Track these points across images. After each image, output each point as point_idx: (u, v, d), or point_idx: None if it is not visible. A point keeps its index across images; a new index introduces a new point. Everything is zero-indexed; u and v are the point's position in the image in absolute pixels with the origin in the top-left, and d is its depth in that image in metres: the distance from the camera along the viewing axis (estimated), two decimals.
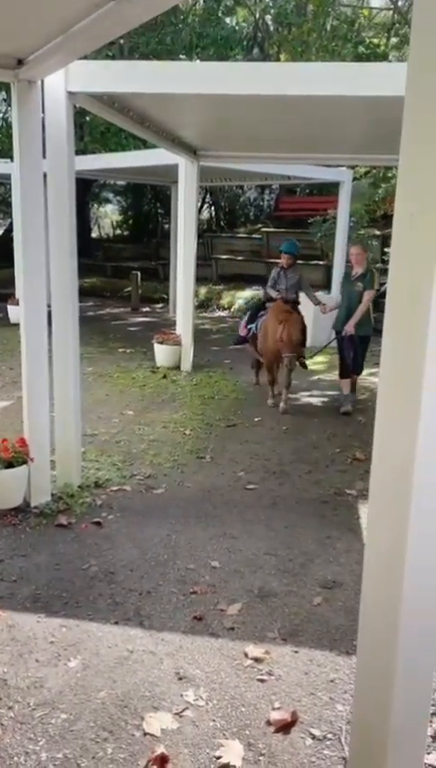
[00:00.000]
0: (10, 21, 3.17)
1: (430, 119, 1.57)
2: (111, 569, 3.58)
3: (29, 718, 2.45)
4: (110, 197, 25.29)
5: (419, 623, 1.80)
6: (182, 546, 3.86)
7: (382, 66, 6.35)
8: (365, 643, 1.95)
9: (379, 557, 1.84)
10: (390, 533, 1.77)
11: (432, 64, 1.56)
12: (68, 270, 4.33)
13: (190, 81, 4.41)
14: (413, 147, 1.63)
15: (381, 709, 1.87)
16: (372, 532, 1.90)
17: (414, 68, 1.62)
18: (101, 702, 2.56)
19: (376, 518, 1.86)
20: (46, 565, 3.60)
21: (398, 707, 1.84)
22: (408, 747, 1.92)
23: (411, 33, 1.63)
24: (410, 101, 1.63)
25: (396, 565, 1.75)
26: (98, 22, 2.88)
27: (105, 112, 5.05)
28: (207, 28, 13.59)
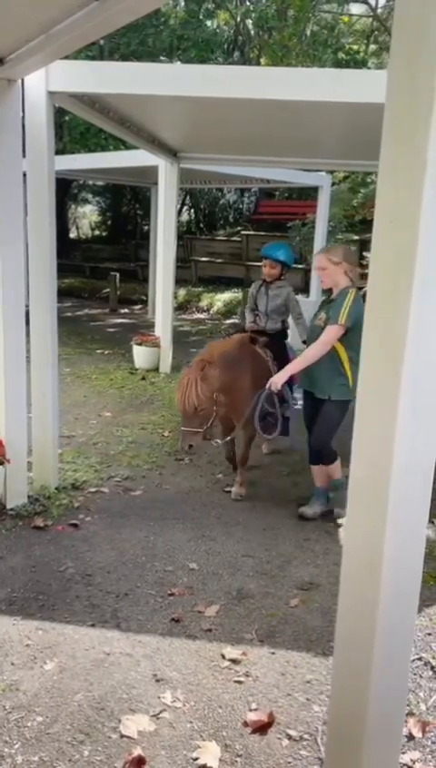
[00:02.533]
0: None
1: (409, 126, 1.59)
2: (88, 571, 3.56)
3: (4, 721, 2.43)
4: (89, 197, 25.19)
5: (395, 624, 1.82)
6: (160, 548, 3.86)
7: (361, 73, 6.40)
8: (342, 643, 1.97)
9: (356, 558, 1.86)
10: (367, 534, 1.79)
11: (412, 72, 1.58)
12: (47, 270, 4.30)
13: (170, 83, 4.41)
14: (393, 153, 1.65)
15: (357, 709, 1.89)
16: (350, 532, 1.92)
17: (394, 75, 1.64)
18: (77, 704, 2.54)
19: (354, 519, 1.88)
20: (22, 567, 3.57)
21: (373, 707, 1.85)
22: (383, 747, 1.94)
23: (391, 40, 1.65)
24: (390, 107, 1.65)
25: (373, 565, 1.77)
26: (80, 22, 2.88)
27: (86, 112, 5.03)
28: (188, 30, 13.62)
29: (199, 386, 4.02)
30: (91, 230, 26.63)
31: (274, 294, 5.02)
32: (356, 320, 3.81)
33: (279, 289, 5.01)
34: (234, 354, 4.38)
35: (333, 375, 4.04)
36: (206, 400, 4.08)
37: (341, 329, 3.92)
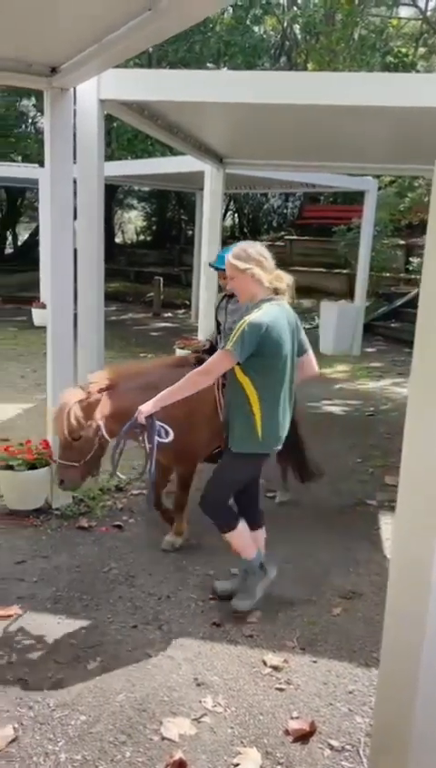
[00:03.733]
0: (45, 30, 3.23)
1: None
2: (131, 572, 3.60)
3: (48, 719, 2.47)
4: (134, 203, 25.49)
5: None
6: (201, 552, 3.87)
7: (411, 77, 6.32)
8: (388, 655, 1.94)
9: (405, 570, 1.84)
10: (416, 545, 1.76)
11: None
12: (95, 274, 4.38)
13: (220, 90, 4.44)
14: None
15: (403, 721, 1.86)
16: (398, 543, 1.89)
17: None
18: (119, 705, 2.57)
19: (402, 530, 1.85)
20: (67, 566, 3.62)
21: (420, 720, 1.83)
22: (429, 760, 1.91)
23: None
24: None
25: (423, 577, 1.74)
26: (132, 32, 2.93)
27: (135, 119, 5.10)
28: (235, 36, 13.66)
29: (76, 412, 3.19)
30: (136, 234, 26.96)
31: (232, 309, 3.90)
32: (262, 347, 2.87)
33: (237, 303, 3.63)
34: (151, 378, 3.41)
35: (237, 418, 3.05)
36: (85, 429, 3.21)
37: (228, 358, 2.89)
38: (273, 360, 2.96)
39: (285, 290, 3.10)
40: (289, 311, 3.09)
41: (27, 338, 11.10)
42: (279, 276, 3.08)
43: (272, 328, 2.90)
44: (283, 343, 2.96)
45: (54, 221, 4.09)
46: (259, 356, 2.91)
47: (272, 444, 3.10)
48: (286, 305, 3.09)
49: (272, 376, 3.00)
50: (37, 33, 3.28)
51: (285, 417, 3.15)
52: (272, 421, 3.05)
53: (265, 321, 2.89)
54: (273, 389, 3.02)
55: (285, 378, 3.05)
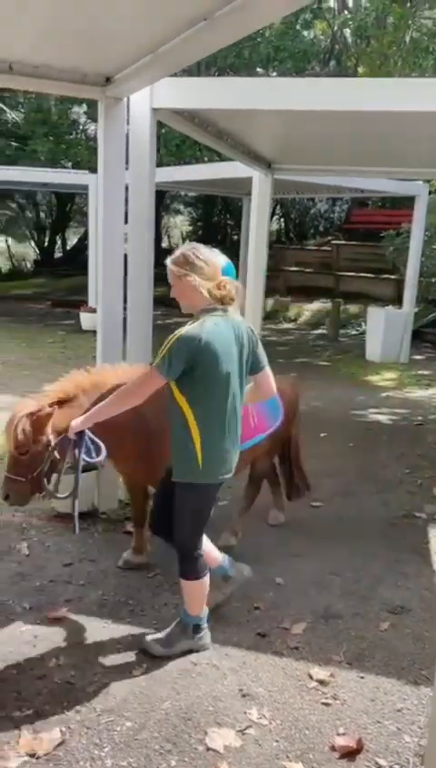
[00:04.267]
0: (100, 41, 3.28)
1: None
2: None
3: (95, 724, 2.49)
4: (181, 208, 25.68)
5: None
6: (245, 560, 3.82)
7: None
8: None
9: None
10: None
11: None
12: (145, 280, 4.41)
13: (270, 97, 4.43)
14: None
15: None
16: None
17: None
18: (165, 712, 2.57)
19: None
20: (113, 571, 3.65)
21: None
22: None
23: None
24: None
25: None
26: (186, 43, 2.94)
27: (185, 126, 5.13)
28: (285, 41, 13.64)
29: (24, 425, 2.90)
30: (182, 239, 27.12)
31: None
32: (197, 364, 2.59)
33: None
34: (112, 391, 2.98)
35: (178, 445, 2.77)
36: (33, 444, 2.92)
37: (154, 376, 2.64)
38: (212, 379, 2.64)
39: (232, 300, 2.74)
40: (237, 324, 2.75)
41: (75, 341, 11.29)
42: (223, 284, 2.71)
43: (209, 342, 2.58)
44: (224, 360, 2.63)
45: (105, 226, 4.15)
46: (194, 374, 2.62)
47: (214, 473, 2.75)
48: (234, 317, 2.76)
49: (213, 397, 2.67)
50: (93, 44, 3.34)
51: (234, 442, 2.82)
52: (214, 449, 2.72)
53: (199, 335, 2.57)
54: (215, 412, 2.70)
55: (230, 399, 2.72)
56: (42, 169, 13.59)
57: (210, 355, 2.60)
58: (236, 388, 2.76)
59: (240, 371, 2.77)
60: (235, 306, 2.77)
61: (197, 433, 2.70)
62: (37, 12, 2.86)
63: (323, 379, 9.24)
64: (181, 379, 2.65)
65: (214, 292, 2.69)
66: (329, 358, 11.08)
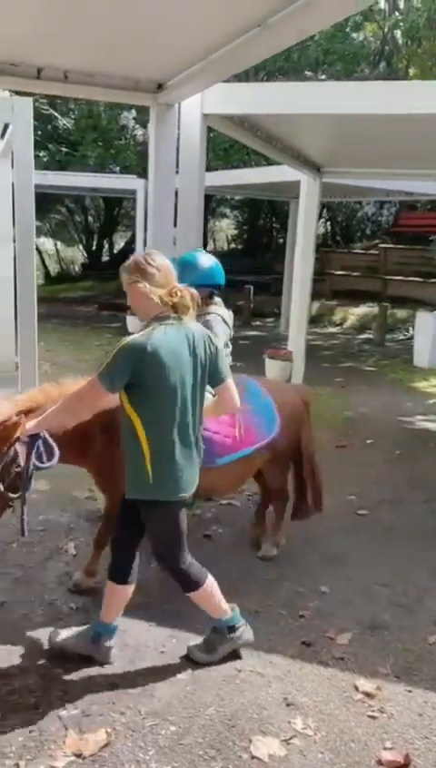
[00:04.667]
0: (153, 49, 3.31)
1: None
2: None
3: (140, 726, 2.50)
4: (226, 212, 25.75)
5: None
6: (290, 568, 3.82)
7: None
8: None
9: None
10: None
11: None
12: None
13: (320, 101, 4.41)
14: None
15: None
16: None
17: None
18: (209, 718, 2.57)
19: None
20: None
21: None
22: None
23: None
24: None
25: None
26: (240, 49, 2.96)
27: (235, 131, 5.15)
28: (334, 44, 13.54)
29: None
30: (227, 243, 27.20)
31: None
32: (143, 375, 2.51)
33: (200, 318, 3.36)
34: None
35: (128, 457, 2.68)
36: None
37: (96, 387, 2.54)
38: (160, 390, 2.54)
39: (187, 308, 2.62)
40: (193, 332, 2.63)
41: None
42: (175, 290, 2.61)
43: (155, 351, 2.48)
44: (173, 370, 2.54)
45: (154, 230, 4.19)
46: (142, 385, 2.53)
47: (167, 490, 2.63)
48: (190, 325, 2.65)
49: (162, 408, 2.57)
50: (146, 52, 3.38)
51: (189, 458, 2.68)
52: (165, 463, 2.61)
53: (144, 344, 2.49)
54: (166, 424, 2.59)
55: (182, 411, 2.61)
56: (92, 174, 13.81)
57: (157, 365, 2.51)
58: (190, 399, 2.63)
59: (195, 382, 2.65)
60: (191, 314, 2.66)
61: (147, 445, 2.60)
62: (93, 21, 2.91)
63: (370, 384, 9.13)
64: (130, 389, 2.56)
65: (166, 299, 2.60)
66: (375, 363, 10.94)
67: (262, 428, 3.50)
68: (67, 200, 21.82)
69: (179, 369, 2.57)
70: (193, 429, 2.69)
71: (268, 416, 3.55)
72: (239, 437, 3.39)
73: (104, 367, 2.51)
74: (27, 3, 2.77)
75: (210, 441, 3.26)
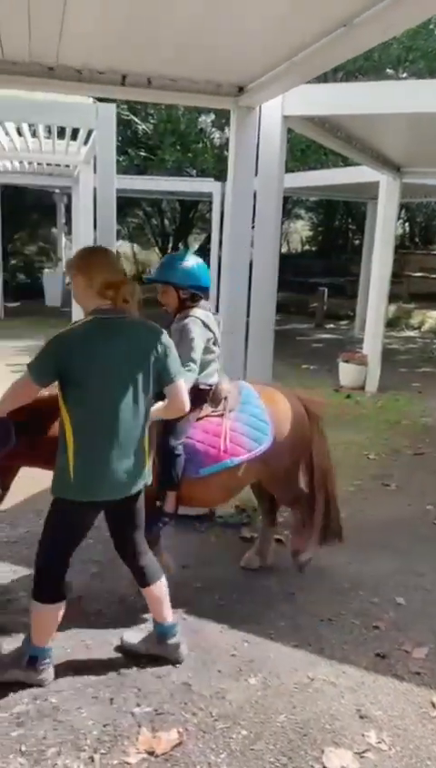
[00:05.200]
0: (235, 52, 3.32)
1: None
2: (291, 590, 3.57)
3: (211, 728, 2.50)
4: (301, 213, 25.58)
5: None
6: (364, 577, 3.74)
7: None
8: None
9: None
10: None
11: None
12: (269, 287, 4.42)
13: (402, 100, 4.31)
14: None
15: None
16: None
17: None
18: (280, 725, 2.54)
19: None
20: (229, 576, 3.67)
21: None
22: None
23: None
24: None
25: None
26: (323, 50, 2.92)
27: (315, 132, 5.10)
28: (417, 41, 13.21)
29: None
30: (301, 244, 27.01)
31: (174, 329, 3.27)
32: (66, 370, 2.45)
33: (177, 323, 3.30)
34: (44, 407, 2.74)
35: (57, 457, 2.59)
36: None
37: (25, 378, 2.48)
38: (83, 387, 2.47)
39: (126, 302, 2.56)
40: (135, 328, 2.57)
41: None
42: (113, 284, 2.54)
43: (80, 345, 2.45)
44: (101, 365, 2.47)
45: (232, 232, 4.20)
46: (69, 380, 2.47)
47: (89, 490, 2.54)
48: (133, 321, 2.58)
49: (90, 404, 2.49)
50: (228, 55, 3.39)
51: (123, 461, 2.56)
52: (90, 463, 2.52)
53: (69, 338, 2.46)
54: (94, 422, 2.50)
55: (115, 410, 2.50)
56: (169, 177, 14.01)
57: (82, 359, 2.45)
58: (125, 398, 2.52)
59: (133, 380, 2.53)
60: (132, 308, 2.59)
61: (72, 441, 2.51)
62: (177, 27, 2.94)
63: None
64: (62, 384, 2.50)
65: (104, 293, 2.54)
66: None
67: (250, 439, 3.26)
68: (145, 203, 22.20)
69: (108, 363, 2.49)
70: (130, 430, 2.57)
71: (259, 426, 3.31)
72: (224, 447, 3.19)
73: (34, 359, 2.49)
74: (112, 11, 2.82)
75: (193, 450, 3.19)
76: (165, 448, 3.15)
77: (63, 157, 8.69)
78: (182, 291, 3.29)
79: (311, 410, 3.61)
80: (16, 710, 2.55)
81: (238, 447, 3.23)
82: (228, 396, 3.36)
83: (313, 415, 3.61)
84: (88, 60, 3.52)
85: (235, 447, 3.22)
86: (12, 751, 2.33)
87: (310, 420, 3.57)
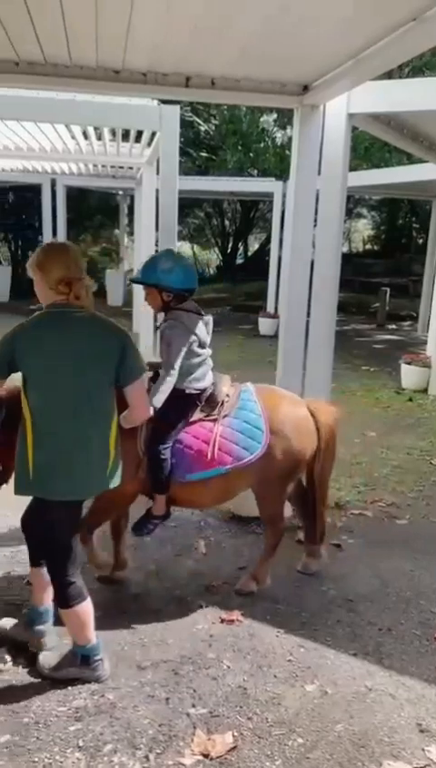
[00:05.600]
0: (301, 50, 3.27)
1: None
2: (349, 597, 3.50)
3: (266, 734, 2.48)
4: (363, 212, 25.17)
5: None
6: (426, 586, 3.64)
7: None
8: None
9: None
10: None
11: None
12: (331, 285, 4.35)
13: None
14: None
15: None
16: None
17: None
18: (337, 735, 2.50)
19: None
20: (286, 580, 3.63)
21: None
22: None
23: None
24: None
25: None
26: (392, 46, 2.84)
27: (380, 130, 5.00)
28: None
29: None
30: (363, 244, 26.60)
31: (163, 328, 3.22)
32: (17, 362, 2.50)
33: (168, 321, 3.23)
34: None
35: (17, 453, 2.62)
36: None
37: None
38: (33, 381, 2.50)
39: (78, 299, 2.54)
40: (85, 326, 2.56)
41: (252, 346, 11.52)
42: (68, 281, 2.52)
43: (26, 341, 2.48)
44: (42, 361, 2.48)
45: (294, 233, 4.15)
46: (23, 374, 2.52)
47: (48, 487, 2.54)
48: (89, 317, 2.57)
49: (42, 400, 2.50)
50: (293, 54, 3.34)
51: (78, 458, 2.54)
52: (47, 460, 2.52)
53: (17, 333, 2.49)
54: (49, 418, 2.51)
55: (67, 407, 2.50)
56: (231, 178, 14.02)
57: (29, 352, 2.48)
58: (75, 394, 2.51)
59: (84, 377, 2.52)
60: (87, 304, 2.57)
61: (31, 436, 2.52)
62: (244, 28, 2.92)
63: None
64: (23, 375, 2.53)
65: (58, 288, 2.53)
66: None
67: (240, 447, 3.17)
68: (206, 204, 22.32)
69: (54, 358, 2.49)
70: (86, 429, 2.55)
71: (252, 434, 3.20)
72: (211, 455, 3.12)
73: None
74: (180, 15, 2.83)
75: (181, 455, 3.14)
76: (152, 452, 3.11)
77: (127, 159, 8.80)
78: (164, 293, 3.20)
79: (320, 419, 3.43)
80: (75, 704, 2.59)
81: (225, 455, 3.14)
82: (225, 400, 3.30)
83: (323, 425, 3.43)
84: (153, 63, 3.55)
85: (223, 455, 3.14)
86: (70, 745, 2.37)
87: (318, 430, 3.42)
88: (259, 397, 3.34)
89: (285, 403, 3.40)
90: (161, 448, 3.10)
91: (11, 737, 2.41)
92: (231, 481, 3.25)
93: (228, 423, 3.22)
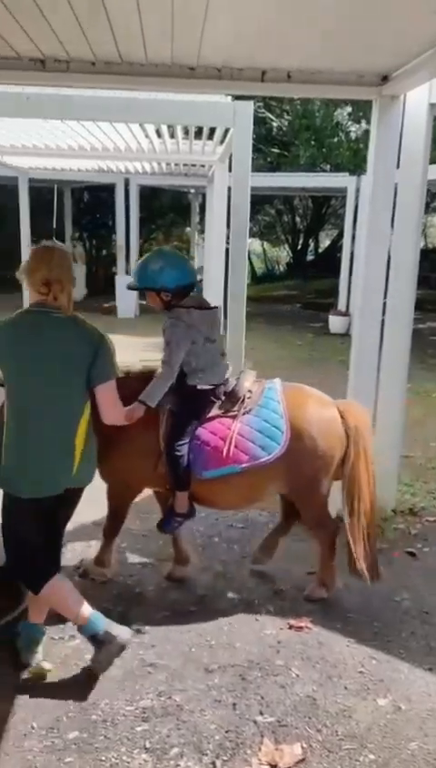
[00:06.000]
0: (379, 39, 3.15)
1: None
2: (425, 608, 3.36)
3: (336, 748, 2.40)
4: None
5: None
6: None
7: None
8: None
9: None
10: None
11: None
12: (409, 282, 4.19)
13: None
14: None
15: None
16: None
17: None
18: (411, 753, 2.39)
19: None
20: (357, 588, 3.51)
21: None
22: None
23: None
24: None
25: None
26: None
27: None
28: None
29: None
30: None
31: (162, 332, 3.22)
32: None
33: (164, 324, 3.22)
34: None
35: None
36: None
37: None
38: (7, 378, 2.62)
39: (55, 300, 2.62)
40: (59, 326, 2.61)
41: (323, 344, 11.32)
42: (47, 283, 2.60)
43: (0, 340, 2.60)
44: (19, 359, 2.57)
45: (371, 228, 4.03)
46: (2, 373, 2.64)
47: (11, 483, 2.64)
48: (62, 318, 2.62)
49: (14, 398, 2.61)
50: (371, 43, 3.22)
51: (40, 460, 2.61)
52: (11, 456, 2.62)
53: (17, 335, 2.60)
54: (17, 414, 2.61)
55: (33, 404, 2.60)
56: (303, 174, 13.83)
57: (4, 354, 2.60)
58: (44, 392, 2.60)
59: (53, 375, 2.59)
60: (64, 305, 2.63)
61: (7, 432, 2.64)
62: (318, 17, 2.83)
63: None
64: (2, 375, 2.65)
65: (39, 288, 2.62)
66: None
67: (257, 445, 3.07)
68: (276, 200, 22.16)
69: (24, 356, 2.57)
70: (56, 428, 2.62)
71: (271, 433, 3.09)
72: (227, 452, 3.05)
73: None
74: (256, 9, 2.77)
75: (198, 451, 3.11)
76: (168, 448, 3.12)
77: (199, 157, 8.79)
78: (163, 294, 3.18)
79: (349, 421, 3.24)
80: (142, 704, 2.59)
81: (242, 453, 3.06)
82: (247, 396, 3.22)
83: (353, 428, 3.23)
84: (228, 58, 3.50)
85: (239, 453, 3.06)
86: (137, 746, 2.37)
87: (348, 433, 3.23)
88: (284, 395, 3.23)
89: (312, 403, 3.27)
90: (176, 444, 3.09)
91: (79, 734, 2.43)
92: (252, 482, 3.15)
93: (247, 421, 3.14)
